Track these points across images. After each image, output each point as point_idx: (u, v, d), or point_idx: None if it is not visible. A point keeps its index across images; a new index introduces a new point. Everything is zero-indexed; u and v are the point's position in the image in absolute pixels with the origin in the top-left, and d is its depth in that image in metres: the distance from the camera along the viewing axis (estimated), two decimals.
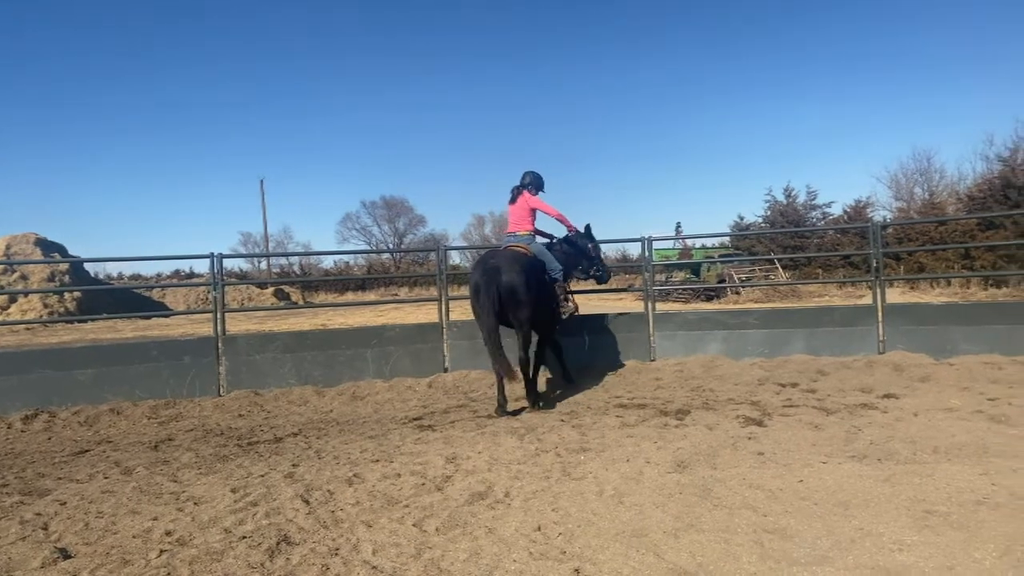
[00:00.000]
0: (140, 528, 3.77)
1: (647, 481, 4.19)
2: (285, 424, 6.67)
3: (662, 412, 6.19)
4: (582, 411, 6.54)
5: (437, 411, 6.92)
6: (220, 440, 6.03)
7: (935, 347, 8.24)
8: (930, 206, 33.64)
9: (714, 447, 4.88)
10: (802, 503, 3.70)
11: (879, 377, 7.46)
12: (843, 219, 36.83)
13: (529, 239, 7.38)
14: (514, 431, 5.65)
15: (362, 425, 6.41)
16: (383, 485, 4.35)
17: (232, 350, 8.18)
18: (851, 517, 3.48)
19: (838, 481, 4.03)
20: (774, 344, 8.79)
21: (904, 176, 40.45)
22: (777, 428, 5.41)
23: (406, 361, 8.51)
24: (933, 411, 5.77)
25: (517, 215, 7.42)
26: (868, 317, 8.75)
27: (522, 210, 7.40)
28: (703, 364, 8.45)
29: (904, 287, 24.05)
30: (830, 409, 6.01)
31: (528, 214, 7.39)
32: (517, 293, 6.52)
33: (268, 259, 56.85)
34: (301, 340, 8.52)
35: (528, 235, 7.40)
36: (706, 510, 3.66)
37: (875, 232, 9.19)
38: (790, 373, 7.91)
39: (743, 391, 7.16)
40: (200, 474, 4.85)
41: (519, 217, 7.42)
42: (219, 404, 7.55)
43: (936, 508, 3.54)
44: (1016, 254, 23.61)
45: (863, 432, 5.15)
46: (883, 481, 3.99)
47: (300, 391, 7.93)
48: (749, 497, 3.83)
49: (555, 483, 4.24)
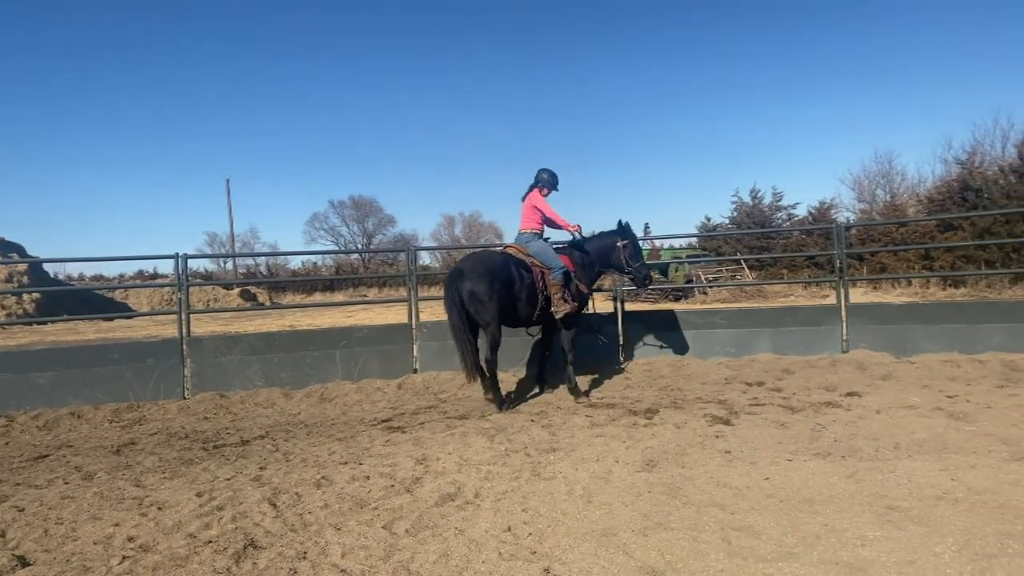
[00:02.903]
0: (101, 534, 3.68)
1: (616, 480, 4.22)
2: (252, 427, 6.58)
3: (631, 411, 6.24)
4: (552, 411, 6.56)
5: (407, 412, 6.89)
6: (185, 443, 5.93)
7: (896, 346, 8.45)
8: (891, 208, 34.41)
9: (682, 446, 4.93)
10: (768, 500, 3.76)
11: (843, 375, 7.62)
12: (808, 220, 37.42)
13: (529, 237, 7.33)
14: (484, 432, 5.64)
15: (330, 427, 6.35)
16: (352, 487, 4.32)
17: (197, 352, 8.05)
18: (816, 513, 3.54)
19: (803, 478, 4.10)
20: (741, 343, 8.92)
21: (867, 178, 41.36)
22: (744, 427, 5.49)
23: (375, 362, 8.46)
24: (895, 409, 5.90)
25: (525, 213, 7.42)
26: (832, 317, 8.92)
27: (528, 208, 7.38)
28: (671, 364, 8.54)
29: (867, 287, 24.57)
30: (795, 407, 6.11)
31: (532, 212, 7.36)
32: (477, 296, 6.65)
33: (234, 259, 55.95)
34: (268, 342, 8.41)
35: (529, 233, 7.35)
36: (674, 508, 3.70)
37: (839, 233, 9.37)
38: (756, 372, 8.03)
39: (711, 390, 7.25)
40: (164, 478, 4.76)
41: (525, 215, 7.40)
42: (184, 407, 7.42)
43: (898, 504, 3.63)
44: (974, 255, 24.27)
45: (827, 430, 5.25)
46: (847, 478, 4.07)
47: (267, 393, 7.83)
48: (717, 495, 3.88)
49: (525, 483, 4.25)
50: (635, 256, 7.40)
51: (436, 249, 66.35)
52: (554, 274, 7.13)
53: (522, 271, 7.07)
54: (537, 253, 7.22)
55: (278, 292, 43.66)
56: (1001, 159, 30.77)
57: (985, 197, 26.05)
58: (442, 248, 65.16)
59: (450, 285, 6.74)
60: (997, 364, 7.55)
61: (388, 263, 56.67)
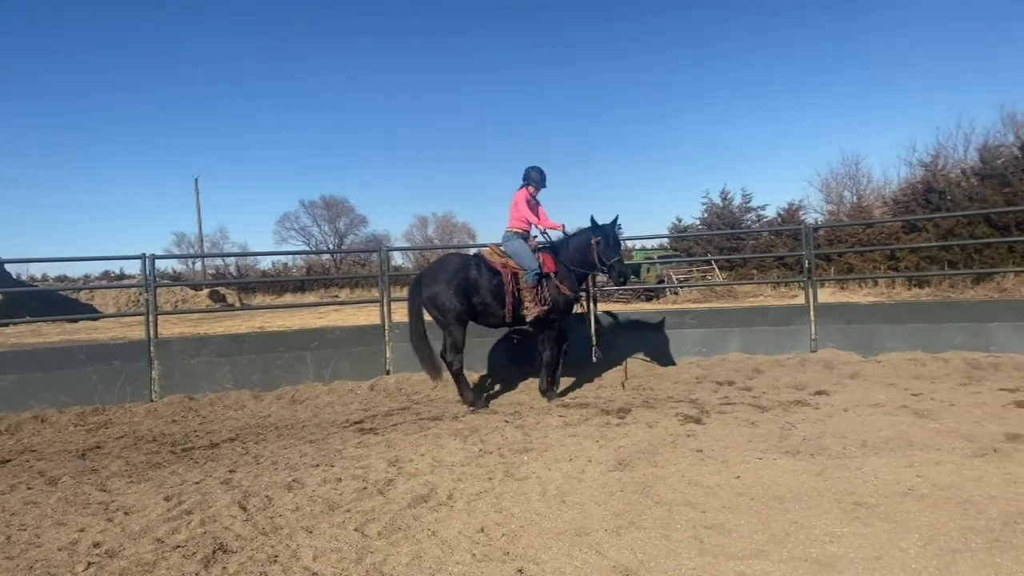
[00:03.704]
0: (66, 540, 3.60)
1: (589, 480, 4.24)
2: (221, 429, 6.49)
3: (604, 411, 6.27)
4: (525, 411, 6.57)
5: (379, 414, 6.85)
6: (152, 447, 5.83)
7: (863, 345, 8.60)
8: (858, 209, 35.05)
9: (654, 445, 4.97)
10: (739, 498, 3.81)
11: (811, 375, 7.74)
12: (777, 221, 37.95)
13: (509, 237, 7.31)
14: (457, 433, 5.63)
15: (301, 429, 6.29)
16: (323, 490, 4.28)
17: (165, 354, 7.93)
18: (786, 511, 3.59)
19: (773, 476, 4.15)
20: (711, 343, 9.02)
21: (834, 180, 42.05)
22: (715, 425, 5.54)
23: (347, 364, 8.40)
24: (862, 407, 6.01)
25: (511, 212, 7.41)
26: (801, 316, 9.06)
27: (511, 206, 7.39)
28: (643, 363, 8.60)
29: (834, 287, 25.00)
30: (765, 406, 6.19)
31: (514, 210, 7.35)
32: (433, 300, 7.02)
33: (203, 260, 55.14)
34: (237, 343, 8.31)
35: (510, 233, 7.33)
36: (647, 507, 3.72)
37: (807, 234, 9.51)
38: (727, 371, 8.13)
39: (682, 389, 7.31)
40: (131, 482, 4.67)
41: (510, 214, 7.40)
42: (151, 410, 7.30)
43: (865, 500, 3.69)
44: (937, 255, 24.86)
45: (796, 428, 5.33)
46: (815, 475, 4.14)
47: (237, 395, 7.73)
48: (688, 494, 3.91)
49: (498, 484, 4.25)
50: (610, 252, 7.13)
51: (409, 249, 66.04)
52: (527, 275, 7.09)
53: (487, 273, 7.10)
54: (513, 253, 7.20)
55: (248, 293, 43.10)
56: (963, 162, 31.54)
57: (948, 199, 26.69)
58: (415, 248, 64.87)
59: (411, 290, 7.20)
60: (960, 362, 7.72)
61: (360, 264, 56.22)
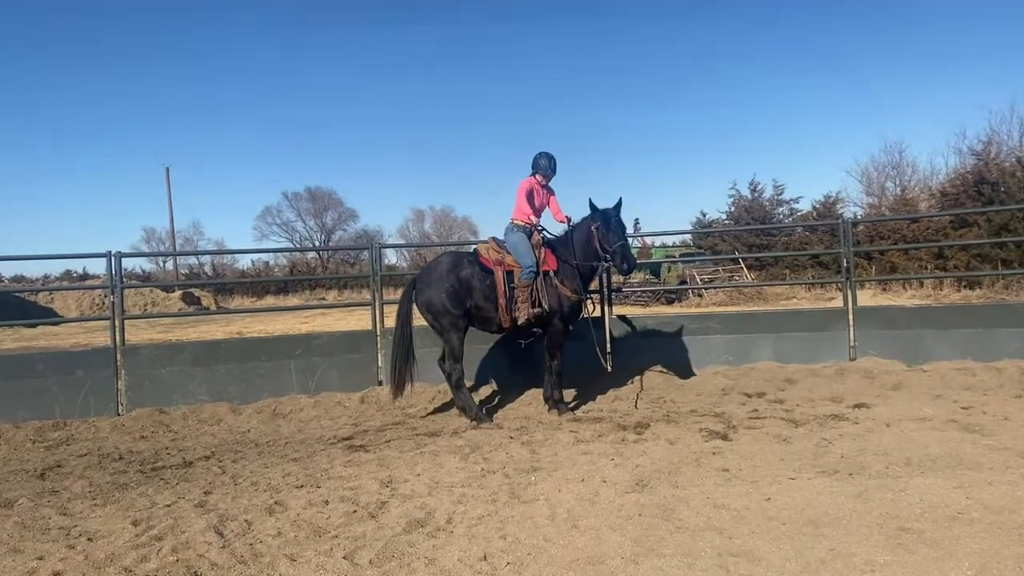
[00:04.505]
0: (23, 569, 3.61)
1: (604, 502, 4.24)
2: (195, 446, 6.51)
3: (620, 426, 6.27)
4: (533, 426, 6.57)
5: (370, 429, 6.86)
6: (119, 466, 5.85)
7: (908, 353, 8.57)
8: (902, 202, 34.91)
9: (676, 464, 4.97)
10: (769, 523, 3.80)
11: (850, 385, 7.72)
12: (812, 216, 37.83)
13: (509, 229, 7.31)
14: (457, 450, 5.63)
15: (284, 446, 6.30)
16: (309, 513, 4.28)
17: (133, 363, 7.95)
18: (821, 537, 3.58)
19: (807, 498, 4.14)
20: (739, 351, 9.00)
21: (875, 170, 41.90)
22: (743, 442, 5.54)
23: (335, 374, 8.42)
24: (906, 421, 5.99)
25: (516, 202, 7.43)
26: (838, 321, 9.04)
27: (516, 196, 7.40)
28: (663, 373, 8.60)
29: (876, 288, 24.95)
30: (799, 420, 6.18)
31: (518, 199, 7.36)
32: (427, 305, 7.17)
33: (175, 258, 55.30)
34: (214, 351, 8.33)
35: (511, 225, 7.31)
36: (667, 533, 3.71)
37: (845, 230, 9.48)
38: (756, 382, 8.12)
39: (706, 402, 7.31)
40: (95, 505, 4.69)
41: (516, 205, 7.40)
42: (118, 425, 7.32)
43: (909, 525, 3.68)
44: (989, 253, 24.70)
45: (833, 445, 5.32)
46: (854, 497, 4.12)
47: (212, 409, 7.76)
48: (713, 518, 3.90)
49: (503, 507, 4.25)
50: (611, 237, 6.94)
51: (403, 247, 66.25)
52: (522, 273, 7.06)
53: (479, 272, 7.13)
54: (511, 248, 7.21)
55: (225, 295, 43.19)
56: (1019, 150, 31.36)
57: (1002, 191, 26.52)
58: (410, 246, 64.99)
59: (403, 295, 7.43)
60: (1015, 372, 7.69)
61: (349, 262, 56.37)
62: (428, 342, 8.18)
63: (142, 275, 53.70)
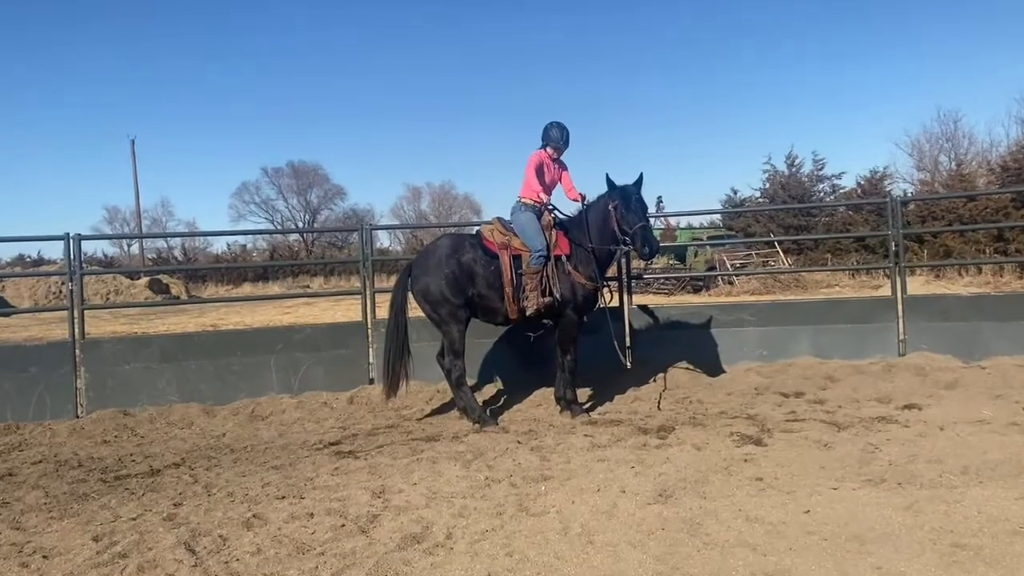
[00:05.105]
0: None
1: (622, 515, 4.23)
2: (164, 452, 6.52)
3: (640, 429, 6.27)
4: (543, 430, 6.57)
5: (360, 433, 6.87)
6: (78, 474, 5.87)
7: (964, 347, 8.54)
8: (958, 178, 34.79)
9: (703, 472, 4.96)
10: (809, 538, 3.79)
11: (899, 384, 7.70)
12: (856, 193, 37.81)
13: (516, 209, 7.30)
14: (458, 457, 5.64)
15: (264, 452, 6.32)
16: (291, 528, 4.29)
17: (94, 358, 7.97)
18: (867, 554, 3.57)
19: (851, 511, 4.13)
20: (774, 345, 8.99)
21: (928, 142, 41.82)
22: (779, 447, 5.53)
23: (320, 371, 8.43)
24: (962, 424, 5.97)
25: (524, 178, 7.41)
26: (886, 311, 9.02)
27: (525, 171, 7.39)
28: (689, 370, 8.60)
29: (928, 275, 24.88)
30: (841, 423, 6.17)
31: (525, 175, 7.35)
32: (423, 294, 7.17)
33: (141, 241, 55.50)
34: (184, 345, 8.36)
35: (518, 204, 7.31)
36: (694, 549, 3.71)
37: (894, 209, 9.43)
38: (794, 380, 8.11)
39: (737, 402, 7.30)
40: (51, 518, 4.70)
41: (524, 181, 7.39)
42: (76, 428, 7.34)
43: (966, 541, 3.66)
44: None
45: (880, 451, 5.30)
46: (904, 509, 4.11)
47: (183, 410, 7.78)
48: (746, 532, 3.90)
49: (509, 520, 4.25)
50: (631, 217, 6.90)
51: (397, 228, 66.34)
52: (531, 258, 7.02)
53: (483, 256, 7.12)
54: (519, 230, 7.17)
55: (197, 283, 43.37)
56: None
57: None
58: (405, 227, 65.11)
59: (397, 282, 7.45)
60: None
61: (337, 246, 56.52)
62: (425, 335, 8.19)
63: (104, 260, 53.85)
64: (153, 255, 55.72)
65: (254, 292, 39.67)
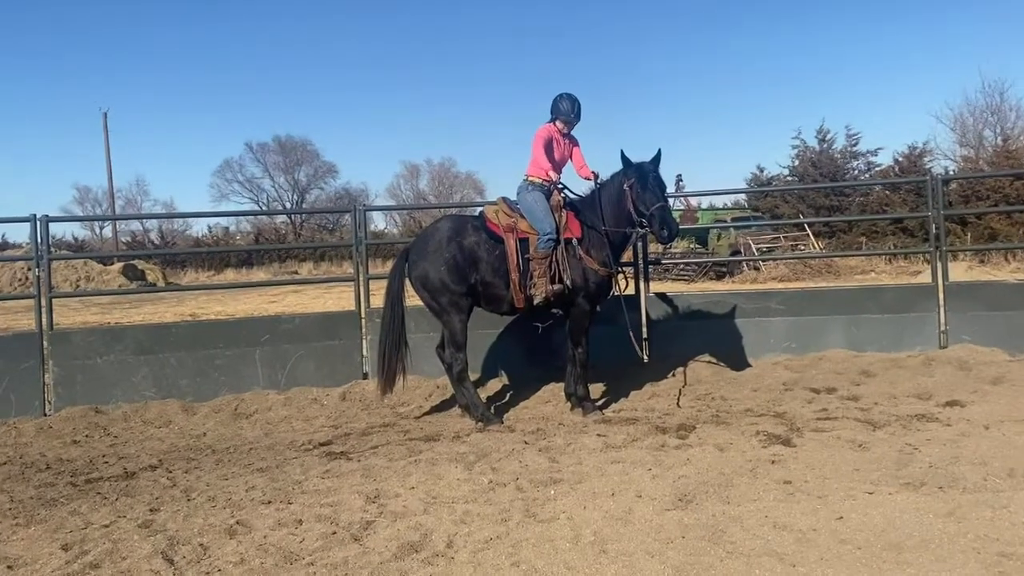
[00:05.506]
0: None
1: (639, 522, 4.24)
2: (140, 453, 6.54)
3: (658, 429, 6.26)
4: (552, 429, 6.57)
5: (353, 433, 6.88)
6: (46, 477, 5.89)
7: (1011, 339, 8.53)
8: (1004, 155, 34.60)
9: (727, 474, 4.96)
10: (842, 547, 3.79)
11: (940, 379, 7.67)
12: (893, 171, 37.64)
13: (523, 188, 7.26)
14: (460, 458, 5.64)
15: (248, 453, 6.34)
16: (278, 535, 4.30)
17: (63, 351, 7.99)
18: (905, 564, 3.57)
19: (888, 517, 4.13)
20: (804, 336, 8.98)
21: (971, 115, 41.53)
22: (809, 448, 5.52)
23: (310, 364, 8.45)
24: (1009, 423, 5.96)
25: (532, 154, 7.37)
26: (926, 300, 8.99)
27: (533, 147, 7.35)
28: (711, 364, 8.61)
29: (972, 260, 24.77)
30: (877, 422, 6.16)
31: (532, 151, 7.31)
32: (422, 281, 7.15)
33: (114, 223, 55.63)
34: (162, 337, 8.38)
35: (525, 183, 7.27)
36: (717, 559, 3.71)
37: (935, 188, 9.40)
38: (825, 375, 8.09)
39: (764, 399, 7.30)
40: (17, 525, 4.72)
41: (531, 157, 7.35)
42: (44, 427, 7.36)
43: (1013, 550, 3.66)
44: None
45: (920, 452, 5.29)
46: (946, 516, 4.11)
47: (160, 407, 7.80)
48: (773, 541, 3.90)
49: (515, 527, 4.25)
50: (648, 197, 6.89)
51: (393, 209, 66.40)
52: (538, 241, 6.99)
53: (487, 240, 7.12)
54: (526, 210, 7.14)
55: (175, 268, 43.42)
56: None
57: None
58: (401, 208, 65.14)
59: (393, 268, 7.46)
60: None
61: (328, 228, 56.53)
62: (424, 326, 8.19)
63: (74, 244, 53.95)
64: (127, 238, 55.88)
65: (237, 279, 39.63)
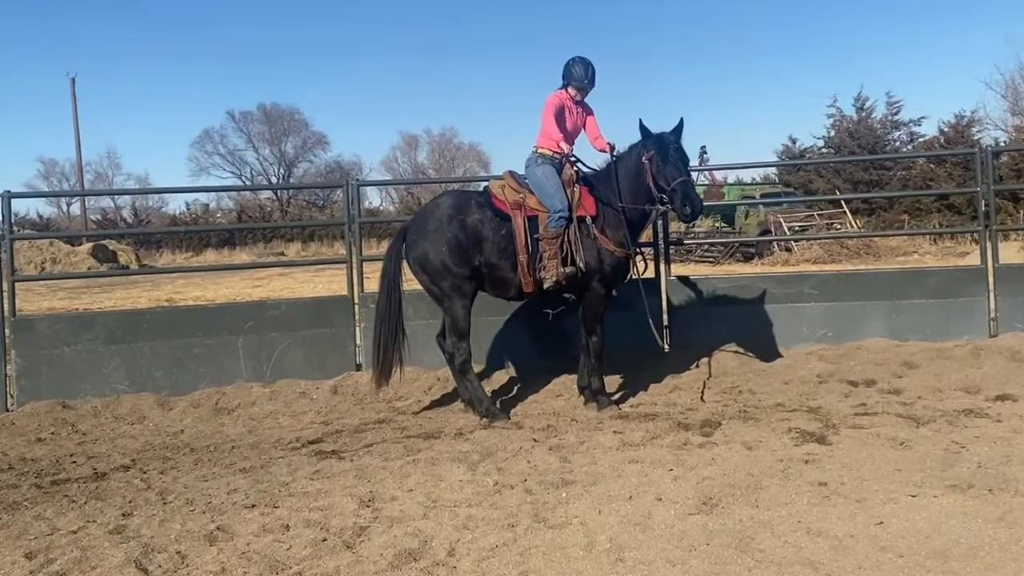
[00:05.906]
0: None
1: (659, 527, 4.23)
2: (111, 452, 6.56)
3: (680, 425, 6.27)
4: (564, 425, 6.58)
5: (346, 430, 6.89)
6: (8, 478, 5.91)
7: None
8: None
9: (756, 476, 4.95)
10: (882, 555, 3.78)
11: (989, 370, 7.66)
12: (939, 143, 37.51)
13: (531, 161, 7.25)
14: (463, 457, 5.64)
15: (230, 452, 6.35)
16: (263, 542, 4.30)
17: (27, 341, 8.01)
18: (951, 574, 3.56)
19: (933, 522, 4.12)
20: (841, 324, 8.96)
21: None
22: (846, 446, 5.51)
23: (298, 355, 8.46)
24: None
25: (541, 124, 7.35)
26: (974, 284, 8.97)
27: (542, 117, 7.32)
28: (738, 354, 8.61)
29: None
30: (921, 418, 6.15)
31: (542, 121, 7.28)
32: (420, 262, 7.15)
33: (83, 199, 55.72)
34: (135, 324, 8.39)
35: (533, 155, 7.26)
36: (745, 568, 3.71)
37: (984, 161, 9.34)
38: (863, 366, 8.08)
39: (796, 393, 7.28)
40: None
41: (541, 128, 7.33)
42: (6, 423, 7.40)
43: None
44: None
45: (968, 451, 5.28)
46: (996, 521, 4.09)
47: (133, 401, 7.82)
48: (807, 548, 3.89)
49: (524, 533, 4.25)
50: (670, 171, 6.84)
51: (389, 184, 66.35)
52: (548, 219, 6.97)
53: (492, 219, 7.10)
54: (535, 186, 7.12)
55: (150, 249, 43.53)
56: None
57: None
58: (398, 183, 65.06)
59: (389, 249, 7.49)
60: None
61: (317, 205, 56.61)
62: (424, 312, 8.20)
63: (39, 222, 54.10)
64: (97, 216, 55.95)
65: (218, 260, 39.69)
